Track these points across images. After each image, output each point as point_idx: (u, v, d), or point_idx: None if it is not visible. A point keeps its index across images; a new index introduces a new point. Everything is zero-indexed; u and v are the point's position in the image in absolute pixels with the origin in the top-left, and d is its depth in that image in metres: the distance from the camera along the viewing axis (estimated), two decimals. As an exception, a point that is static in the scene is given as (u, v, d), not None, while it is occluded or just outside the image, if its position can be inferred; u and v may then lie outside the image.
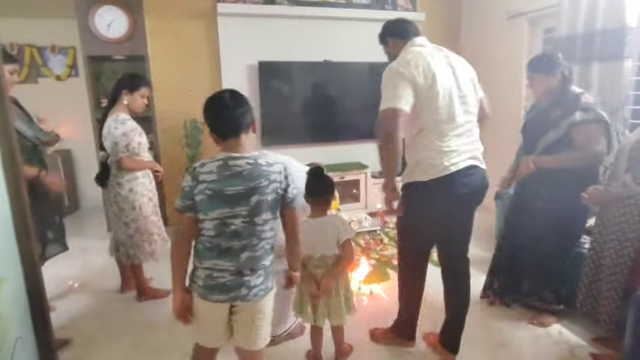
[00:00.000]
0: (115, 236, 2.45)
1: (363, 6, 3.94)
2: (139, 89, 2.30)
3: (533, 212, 2.11)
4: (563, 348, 2.01)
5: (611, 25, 2.55)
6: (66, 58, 4.37)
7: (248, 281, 1.27)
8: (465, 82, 1.68)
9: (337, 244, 1.74)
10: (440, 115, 1.61)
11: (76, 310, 2.43)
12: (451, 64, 1.67)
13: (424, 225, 1.74)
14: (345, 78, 3.89)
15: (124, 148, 2.22)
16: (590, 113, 1.92)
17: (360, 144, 4.13)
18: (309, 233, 1.72)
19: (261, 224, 1.27)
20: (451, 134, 1.63)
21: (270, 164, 1.28)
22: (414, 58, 1.61)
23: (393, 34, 1.83)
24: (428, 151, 1.65)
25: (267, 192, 1.25)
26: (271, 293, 1.36)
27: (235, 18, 3.56)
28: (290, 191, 1.30)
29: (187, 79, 3.71)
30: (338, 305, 1.77)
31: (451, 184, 1.63)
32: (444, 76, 1.61)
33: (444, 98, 1.60)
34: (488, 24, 3.94)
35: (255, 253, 1.28)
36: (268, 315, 1.37)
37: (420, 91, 1.57)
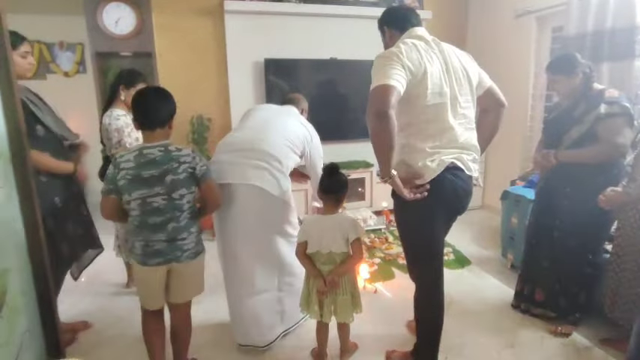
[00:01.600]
0: (116, 232, 2.47)
1: (370, 4, 3.92)
2: (136, 85, 2.28)
3: (557, 212, 2.06)
4: (570, 349, 1.99)
5: (621, 24, 2.53)
6: (74, 54, 4.40)
7: (181, 246, 1.56)
8: (460, 80, 1.57)
9: (346, 242, 1.74)
10: (426, 115, 1.51)
11: (82, 304, 2.45)
12: (446, 60, 1.55)
13: (415, 230, 1.64)
14: (351, 76, 3.88)
15: (117, 144, 2.23)
16: (615, 106, 1.87)
17: (365, 142, 4.07)
18: (319, 229, 1.74)
19: (178, 199, 1.52)
20: (436, 136, 1.53)
21: (179, 149, 1.53)
22: (407, 49, 1.48)
23: (390, 24, 1.70)
24: (409, 153, 1.56)
25: (179, 172, 1.50)
26: (202, 255, 1.66)
27: (242, 15, 3.57)
28: (199, 169, 1.55)
29: (194, 76, 3.73)
30: (344, 302, 1.77)
31: (432, 190, 1.52)
32: (436, 74, 1.49)
33: (432, 96, 1.49)
34: (496, 22, 3.91)
35: (179, 223, 1.55)
36: (200, 273, 1.68)
37: (410, 85, 1.45)
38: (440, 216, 1.61)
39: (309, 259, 1.78)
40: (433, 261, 1.68)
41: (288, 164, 1.92)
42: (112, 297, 2.57)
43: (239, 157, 1.85)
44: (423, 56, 1.49)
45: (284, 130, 1.96)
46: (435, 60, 1.52)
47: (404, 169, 1.57)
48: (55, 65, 4.37)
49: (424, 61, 1.47)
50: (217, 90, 3.81)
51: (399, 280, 2.75)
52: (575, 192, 1.99)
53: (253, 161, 1.83)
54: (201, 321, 2.15)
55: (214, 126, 3.76)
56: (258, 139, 1.89)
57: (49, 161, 1.83)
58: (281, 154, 1.88)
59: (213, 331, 2.17)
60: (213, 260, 1.95)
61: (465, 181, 1.59)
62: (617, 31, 2.55)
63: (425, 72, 1.46)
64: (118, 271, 2.69)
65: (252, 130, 1.97)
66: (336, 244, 1.73)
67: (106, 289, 2.65)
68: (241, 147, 1.89)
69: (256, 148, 1.86)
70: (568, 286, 2.10)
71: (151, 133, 1.52)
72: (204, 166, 1.57)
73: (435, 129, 1.53)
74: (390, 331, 2.16)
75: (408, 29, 1.63)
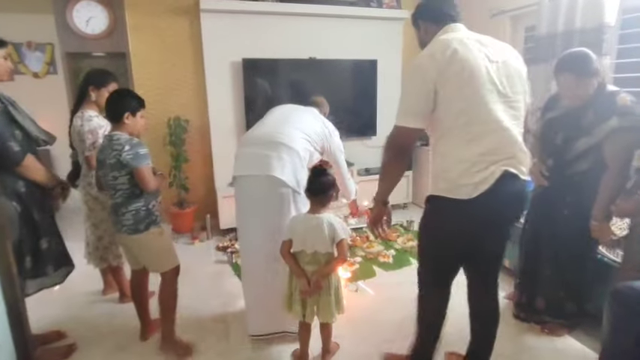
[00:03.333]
0: (86, 239, 2.39)
1: (349, 3, 3.92)
2: (107, 85, 2.22)
3: (558, 220, 1.97)
4: (570, 357, 1.96)
5: (590, 23, 2.60)
6: (44, 54, 4.25)
7: (121, 220, 1.84)
8: (508, 78, 1.39)
9: (332, 242, 1.73)
10: (468, 117, 1.34)
11: (56, 314, 2.36)
12: (489, 54, 1.38)
13: (443, 246, 1.51)
14: (330, 76, 3.87)
15: (91, 146, 2.16)
16: (628, 118, 1.66)
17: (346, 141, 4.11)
18: (304, 228, 1.74)
19: (112, 180, 1.80)
20: (479, 139, 1.35)
21: (117, 138, 1.77)
22: (440, 49, 1.35)
23: (425, 17, 1.54)
24: (448, 162, 1.41)
25: (111, 157, 1.76)
26: (144, 234, 1.84)
27: (219, 14, 3.51)
28: (123, 156, 1.74)
29: (170, 77, 3.65)
30: (327, 303, 1.77)
31: (477, 206, 1.35)
32: (476, 71, 1.33)
33: (473, 96, 1.33)
34: (472, 21, 3.94)
35: (115, 200, 1.83)
36: (148, 250, 1.90)
37: (447, 89, 1.33)
38: (480, 233, 1.46)
39: (294, 258, 1.78)
40: (445, 268, 1.60)
41: (305, 157, 2.00)
42: (87, 305, 2.49)
43: (259, 149, 1.95)
44: (458, 49, 1.33)
45: (301, 125, 2.06)
46: (476, 55, 1.35)
47: (443, 183, 1.42)
48: (24, 66, 4.21)
49: (459, 55, 1.32)
50: (194, 91, 3.74)
51: (380, 278, 2.77)
52: (575, 201, 1.91)
53: (272, 152, 1.91)
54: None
55: (192, 127, 3.70)
56: (277, 133, 1.99)
57: (41, 169, 1.83)
58: (298, 146, 1.97)
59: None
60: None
61: (515, 186, 1.40)
62: (586, 30, 2.62)
63: (462, 69, 1.32)
64: (93, 278, 2.60)
65: (271, 124, 2.08)
66: (321, 244, 1.73)
67: (80, 297, 2.56)
68: (261, 140, 1.99)
69: (275, 140, 1.95)
70: (574, 290, 2.04)
71: (114, 125, 1.85)
72: (130, 155, 1.74)
73: (477, 132, 1.35)
74: (373, 330, 2.17)
75: (446, 23, 1.47)
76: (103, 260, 2.37)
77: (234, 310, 2.38)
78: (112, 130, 1.86)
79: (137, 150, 1.76)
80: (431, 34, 1.49)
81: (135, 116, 1.85)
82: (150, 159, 1.82)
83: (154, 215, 1.89)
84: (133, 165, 1.75)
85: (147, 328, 2.12)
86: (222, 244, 3.31)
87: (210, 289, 2.66)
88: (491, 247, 1.56)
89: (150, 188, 1.81)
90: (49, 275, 1.95)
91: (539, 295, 2.14)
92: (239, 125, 3.72)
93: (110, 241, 2.34)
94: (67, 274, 2.07)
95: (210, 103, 3.66)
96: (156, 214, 1.90)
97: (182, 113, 3.64)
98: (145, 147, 1.81)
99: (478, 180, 1.34)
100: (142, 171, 1.77)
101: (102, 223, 2.30)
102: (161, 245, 1.91)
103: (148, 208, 1.86)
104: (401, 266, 2.91)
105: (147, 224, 1.85)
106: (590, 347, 2.00)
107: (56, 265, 1.99)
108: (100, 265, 2.39)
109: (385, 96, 4.11)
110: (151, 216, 1.86)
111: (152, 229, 1.86)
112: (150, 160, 1.82)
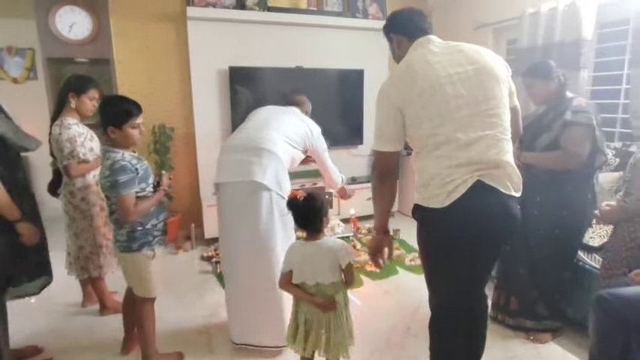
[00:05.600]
0: (67, 249, 2.32)
1: (335, 14, 3.97)
2: (87, 92, 2.17)
3: (529, 221, 1.97)
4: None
5: (569, 37, 2.69)
6: (24, 60, 4.15)
7: (116, 235, 1.76)
8: (481, 85, 1.34)
9: (337, 270, 1.57)
10: (436, 138, 1.33)
11: (34, 327, 2.28)
12: (458, 68, 1.35)
13: (440, 252, 1.43)
14: (317, 85, 3.89)
15: (69, 155, 2.11)
16: (580, 115, 1.91)
17: (332, 150, 4.12)
18: (302, 257, 1.57)
19: (107, 199, 1.73)
20: (449, 156, 1.32)
21: (107, 157, 1.65)
22: (401, 73, 1.38)
23: (397, 30, 1.52)
24: (423, 176, 1.40)
25: (101, 177, 1.68)
26: (135, 254, 1.74)
27: (206, 22, 3.50)
28: (103, 182, 1.67)
29: (156, 84, 3.61)
30: (341, 337, 1.59)
31: (451, 216, 1.31)
32: (439, 89, 1.31)
33: (439, 115, 1.31)
34: (457, 34, 4.06)
35: (111, 217, 1.75)
36: (135, 271, 1.78)
37: (412, 112, 1.34)
38: (464, 252, 1.37)
39: (296, 286, 1.61)
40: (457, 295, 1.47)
41: (287, 159, 2.02)
42: (66, 317, 2.41)
43: (240, 156, 1.94)
44: (427, 71, 1.33)
45: (282, 127, 2.06)
46: (439, 71, 1.33)
47: (418, 196, 1.41)
48: (3, 71, 4.10)
49: (429, 76, 1.32)
50: (180, 98, 3.71)
51: (367, 287, 2.76)
52: (544, 201, 2.01)
53: (254, 158, 1.91)
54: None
55: (177, 135, 3.66)
56: (258, 138, 1.98)
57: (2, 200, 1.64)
58: (279, 150, 1.97)
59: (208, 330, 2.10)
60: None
61: (501, 202, 1.33)
62: (565, 44, 2.71)
63: (432, 88, 1.31)
64: (73, 289, 2.52)
65: (253, 129, 2.07)
66: (323, 274, 1.55)
67: (59, 309, 2.48)
68: (242, 147, 1.98)
69: (256, 146, 1.95)
70: (547, 292, 2.09)
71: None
72: (109, 182, 1.63)
73: (450, 149, 1.32)
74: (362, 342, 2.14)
75: (418, 36, 1.46)
76: (84, 270, 2.30)
77: (219, 321, 2.34)
78: (111, 145, 1.71)
79: (116, 178, 1.61)
80: (404, 48, 1.50)
81: (133, 127, 1.70)
82: (135, 185, 1.66)
83: (152, 236, 1.77)
84: (111, 194, 1.66)
85: (129, 343, 2.05)
86: (207, 253, 3.25)
87: (194, 300, 2.61)
88: (475, 262, 1.42)
89: (127, 220, 1.67)
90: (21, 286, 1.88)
91: (513, 294, 2.20)
92: (225, 134, 3.69)
93: (91, 250, 2.27)
94: (44, 285, 1.99)
95: (196, 111, 3.63)
96: (154, 234, 1.78)
97: (167, 121, 3.60)
98: (127, 172, 1.63)
99: (450, 188, 1.30)
100: (120, 201, 1.63)
101: (83, 233, 2.24)
102: (146, 271, 1.78)
103: (146, 228, 1.74)
104: (388, 275, 2.91)
105: (140, 244, 1.74)
106: (574, 354, 2.03)
107: (31, 276, 1.92)
108: (81, 275, 2.31)
109: (371, 106, 4.11)
110: (147, 236, 1.75)
111: (144, 251, 1.75)
112: (135, 187, 1.66)
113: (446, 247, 1.39)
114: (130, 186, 1.64)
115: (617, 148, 2.48)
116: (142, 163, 1.74)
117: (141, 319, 1.85)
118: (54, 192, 2.30)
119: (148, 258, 1.77)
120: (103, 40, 3.29)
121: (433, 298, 1.54)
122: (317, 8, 3.94)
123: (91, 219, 2.23)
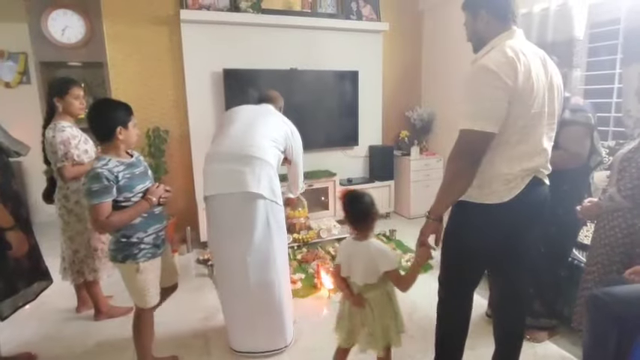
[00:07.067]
0: (62, 254, 2.31)
1: (329, 15, 3.98)
2: (69, 91, 2.16)
3: None
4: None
5: (561, 37, 2.71)
6: (16, 64, 4.12)
7: (109, 244, 1.69)
8: (552, 99, 1.39)
9: (376, 273, 1.55)
10: (518, 136, 1.34)
11: (28, 334, 2.26)
12: (547, 73, 1.37)
13: (471, 252, 1.49)
14: (311, 86, 3.89)
15: (63, 157, 2.09)
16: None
17: (328, 152, 4.14)
18: (347, 254, 1.60)
19: None
20: (524, 158, 1.37)
21: (96, 166, 1.58)
22: (516, 60, 1.27)
23: (491, 8, 1.39)
24: (488, 174, 1.37)
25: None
26: (119, 264, 1.68)
27: (199, 25, 3.50)
28: (82, 189, 1.61)
29: (149, 87, 3.60)
30: (387, 328, 1.58)
31: (506, 210, 1.37)
32: (540, 93, 1.32)
33: (534, 118, 1.33)
34: (448, 34, 4.09)
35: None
36: (127, 280, 1.70)
37: (512, 103, 1.28)
38: (506, 235, 1.45)
39: (344, 281, 1.62)
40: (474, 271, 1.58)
41: (276, 164, 2.00)
42: (60, 324, 2.38)
43: (230, 165, 1.88)
44: (531, 67, 1.30)
45: (268, 131, 2.01)
46: (540, 75, 1.33)
47: (475, 193, 1.40)
48: (-5, 75, 4.08)
49: (532, 74, 1.29)
50: (174, 101, 3.70)
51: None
52: None
53: (245, 168, 1.86)
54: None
55: (172, 138, 3.64)
56: (247, 146, 1.91)
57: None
58: (269, 156, 1.94)
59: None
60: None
61: (545, 191, 1.47)
62: (557, 43, 2.73)
63: (532, 87, 1.30)
64: (68, 294, 2.50)
65: (238, 136, 1.97)
66: (366, 275, 1.55)
67: (53, 315, 2.46)
68: (231, 156, 1.91)
69: (246, 154, 1.89)
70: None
71: (104, 146, 1.66)
72: (83, 190, 1.58)
73: (526, 152, 1.37)
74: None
75: (509, 24, 1.38)
76: (80, 274, 2.28)
77: (215, 325, 2.32)
78: (102, 151, 1.67)
79: (89, 185, 1.54)
80: (493, 31, 1.38)
81: (127, 128, 1.66)
82: (107, 194, 1.55)
83: (137, 249, 1.66)
84: (87, 200, 1.57)
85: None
86: (203, 256, 3.24)
87: (191, 303, 2.59)
88: (519, 252, 1.54)
89: (98, 230, 1.65)
90: (19, 292, 1.86)
91: None
92: (220, 136, 3.68)
93: (86, 254, 2.26)
94: (41, 289, 1.98)
95: (191, 114, 3.62)
96: (142, 247, 1.67)
97: (162, 124, 3.59)
98: (102, 180, 1.53)
99: (512, 185, 1.37)
100: (89, 209, 1.58)
101: (78, 236, 2.23)
102: (133, 283, 1.70)
103: (129, 241, 1.65)
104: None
105: (124, 256, 1.66)
106: (570, 352, 2.03)
107: (29, 281, 1.90)
108: (77, 280, 2.30)
109: (366, 107, 4.16)
110: (130, 248, 1.65)
111: (128, 263, 1.66)
112: (107, 196, 1.55)
113: (488, 243, 1.45)
114: (102, 195, 1.54)
115: (610, 147, 2.50)
116: (130, 170, 1.65)
117: (136, 326, 1.81)
118: (49, 199, 2.28)
119: (134, 271, 1.67)
120: (96, 44, 3.27)
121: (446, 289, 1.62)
122: (311, 10, 3.94)
123: (85, 222, 2.22)
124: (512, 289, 1.63)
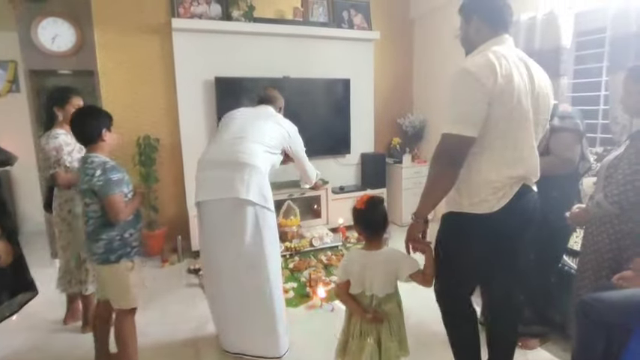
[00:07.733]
0: (59, 263, 2.29)
1: (320, 24, 4.01)
2: (70, 101, 2.19)
3: None
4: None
5: (548, 45, 2.76)
6: (5, 72, 4.09)
7: (92, 248, 1.70)
8: (539, 104, 1.41)
9: (395, 280, 1.53)
10: (503, 140, 1.35)
11: (14, 345, 2.21)
12: (532, 78, 1.38)
13: (464, 261, 1.50)
14: (304, 94, 3.90)
15: (55, 164, 2.09)
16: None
17: (320, 160, 4.14)
18: (361, 267, 1.52)
19: (86, 206, 1.69)
20: (511, 164, 1.38)
21: (91, 161, 1.65)
22: (496, 63, 1.29)
23: (483, 14, 1.42)
24: (476, 181, 1.39)
25: (83, 182, 1.65)
26: (114, 266, 1.70)
27: (191, 33, 3.50)
28: (94, 183, 1.62)
29: (140, 95, 3.58)
30: (390, 349, 1.53)
31: (496, 219, 1.38)
32: (523, 97, 1.33)
33: (517, 122, 1.34)
34: (438, 43, 4.14)
35: (88, 228, 1.70)
36: (115, 283, 1.73)
37: (493, 106, 1.29)
38: (493, 248, 1.45)
39: (352, 297, 1.56)
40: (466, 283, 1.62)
41: (267, 168, 2.00)
42: (48, 334, 2.33)
43: (221, 172, 1.89)
44: (513, 71, 1.31)
45: (260, 136, 2.01)
46: (525, 79, 1.35)
47: (465, 202, 1.41)
48: (-16, 84, 4.04)
49: (514, 77, 1.31)
50: (165, 109, 3.68)
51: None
52: None
53: (235, 174, 1.87)
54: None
55: (163, 146, 3.63)
56: (238, 152, 1.92)
57: None
58: (260, 162, 1.94)
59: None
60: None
61: (528, 199, 1.45)
62: (544, 51, 2.77)
63: (512, 91, 1.30)
64: (56, 305, 2.46)
65: (228, 142, 1.99)
66: (385, 285, 1.51)
67: (42, 325, 2.41)
68: (222, 163, 1.93)
69: (237, 161, 1.90)
70: (534, 297, 2.07)
71: (88, 147, 1.72)
72: (101, 181, 1.63)
73: (513, 157, 1.37)
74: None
75: (500, 31, 1.41)
76: (70, 285, 2.25)
77: (206, 334, 2.29)
78: (87, 151, 1.73)
79: (109, 176, 1.64)
80: (482, 37, 1.42)
81: (110, 132, 1.75)
82: (124, 185, 1.71)
83: (130, 247, 1.74)
84: (102, 193, 1.63)
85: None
86: (194, 266, 3.20)
87: (181, 313, 2.55)
88: (511, 259, 1.54)
89: (119, 219, 1.67)
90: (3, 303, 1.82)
91: None
92: (212, 144, 3.67)
93: (76, 265, 2.23)
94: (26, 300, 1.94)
95: (182, 122, 3.61)
96: (133, 244, 1.76)
97: (152, 132, 3.57)
98: (119, 171, 1.69)
99: (500, 195, 1.38)
100: (110, 199, 1.64)
101: (69, 246, 2.21)
102: (127, 282, 1.74)
103: (123, 238, 1.71)
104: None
105: (118, 256, 1.70)
106: (561, 359, 2.03)
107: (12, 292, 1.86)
108: (67, 289, 2.27)
109: (358, 115, 4.18)
110: (125, 247, 1.72)
111: (123, 262, 1.71)
112: (124, 187, 1.71)
113: (480, 248, 1.45)
114: (121, 185, 1.68)
115: (598, 154, 2.53)
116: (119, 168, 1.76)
117: (123, 333, 1.79)
118: (50, 207, 2.26)
119: (127, 269, 1.73)
120: (86, 52, 3.26)
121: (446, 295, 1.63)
122: (303, 19, 3.97)
123: (77, 232, 2.19)
124: (505, 296, 1.63)
